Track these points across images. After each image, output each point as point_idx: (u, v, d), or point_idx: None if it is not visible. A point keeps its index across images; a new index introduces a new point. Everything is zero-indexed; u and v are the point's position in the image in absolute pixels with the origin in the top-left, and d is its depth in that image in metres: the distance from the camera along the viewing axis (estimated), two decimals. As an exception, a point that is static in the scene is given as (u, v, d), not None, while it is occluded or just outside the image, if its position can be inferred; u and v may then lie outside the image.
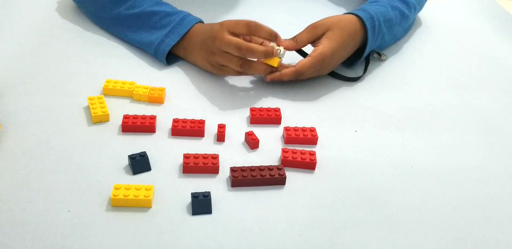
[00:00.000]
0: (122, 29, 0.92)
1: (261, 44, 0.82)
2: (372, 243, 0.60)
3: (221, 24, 0.80)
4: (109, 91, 0.80)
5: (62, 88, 0.81)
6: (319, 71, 0.84)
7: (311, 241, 0.59)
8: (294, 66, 0.81)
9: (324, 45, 0.82)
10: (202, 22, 0.89)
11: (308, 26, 0.84)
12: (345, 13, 0.89)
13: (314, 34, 0.83)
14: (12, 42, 0.91)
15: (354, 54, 0.89)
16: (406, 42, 1.04)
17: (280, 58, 0.81)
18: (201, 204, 0.61)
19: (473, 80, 0.93)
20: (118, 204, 0.61)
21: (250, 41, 0.82)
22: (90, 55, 0.89)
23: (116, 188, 0.62)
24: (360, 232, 0.61)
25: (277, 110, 0.78)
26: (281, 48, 0.80)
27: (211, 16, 1.03)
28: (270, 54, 0.78)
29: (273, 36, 0.79)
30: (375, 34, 0.87)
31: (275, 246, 0.58)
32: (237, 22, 0.79)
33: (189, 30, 0.86)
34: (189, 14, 0.89)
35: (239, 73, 0.82)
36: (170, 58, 0.88)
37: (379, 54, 0.94)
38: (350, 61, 0.90)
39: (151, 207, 0.62)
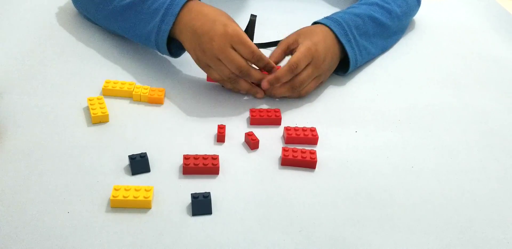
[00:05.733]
0: (122, 25, 0.87)
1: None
2: (372, 242, 0.60)
3: (226, 33, 0.75)
4: (109, 92, 0.80)
5: (61, 89, 0.80)
6: (314, 67, 0.80)
7: (312, 241, 0.59)
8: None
9: (303, 41, 0.80)
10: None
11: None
12: (313, 23, 0.88)
13: (286, 41, 0.83)
14: (12, 43, 0.91)
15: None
16: (406, 42, 1.04)
17: None
18: (201, 204, 0.61)
19: (473, 80, 0.93)
20: (117, 205, 0.61)
21: None
22: (89, 55, 0.89)
23: (115, 189, 0.62)
24: (360, 232, 0.61)
25: (277, 111, 0.78)
26: None
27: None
28: (264, 87, 0.78)
29: (269, 68, 0.78)
30: (348, 39, 0.86)
31: (275, 246, 0.58)
32: (244, 43, 0.75)
33: (182, 8, 0.79)
34: None
35: (221, 80, 0.79)
36: (175, 47, 0.84)
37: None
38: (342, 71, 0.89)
39: (150, 208, 0.62)
